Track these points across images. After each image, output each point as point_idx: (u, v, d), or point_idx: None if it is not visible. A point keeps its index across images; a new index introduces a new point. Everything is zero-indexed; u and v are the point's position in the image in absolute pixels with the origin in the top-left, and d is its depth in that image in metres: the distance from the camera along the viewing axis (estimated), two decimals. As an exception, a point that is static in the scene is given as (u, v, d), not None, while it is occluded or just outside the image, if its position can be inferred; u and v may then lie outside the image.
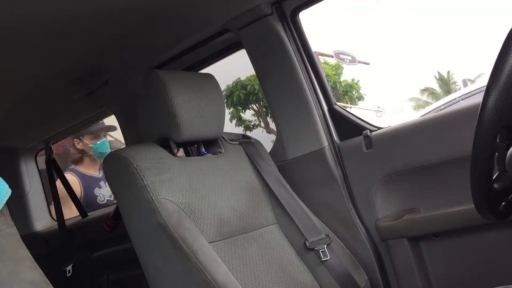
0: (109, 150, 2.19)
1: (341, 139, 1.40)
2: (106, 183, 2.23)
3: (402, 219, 1.26)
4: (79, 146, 2.37)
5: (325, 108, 1.41)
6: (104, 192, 2.32)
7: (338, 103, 1.45)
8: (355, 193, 1.36)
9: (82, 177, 2.33)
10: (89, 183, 2.32)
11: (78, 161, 2.41)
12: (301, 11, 1.41)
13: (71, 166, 2.45)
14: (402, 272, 1.29)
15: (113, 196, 1.73)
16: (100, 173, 2.40)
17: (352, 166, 1.36)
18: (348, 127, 1.40)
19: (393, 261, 1.31)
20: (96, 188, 2.32)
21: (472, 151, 0.75)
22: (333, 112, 1.41)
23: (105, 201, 2.29)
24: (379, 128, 1.38)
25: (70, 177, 2.30)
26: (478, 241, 1.20)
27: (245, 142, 1.39)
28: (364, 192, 1.34)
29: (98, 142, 2.32)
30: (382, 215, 1.32)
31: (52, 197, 2.10)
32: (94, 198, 2.32)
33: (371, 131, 1.35)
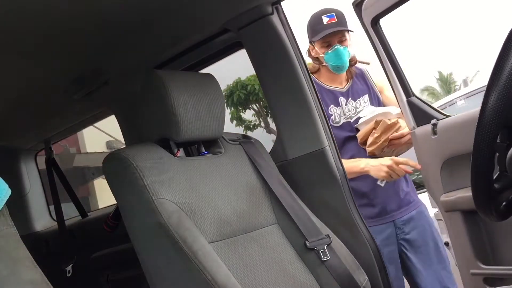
0: (346, 61, 1.73)
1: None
2: (350, 99, 1.78)
3: (463, 196, 1.36)
4: (313, 53, 1.82)
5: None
6: (340, 112, 1.77)
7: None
8: None
9: (320, 90, 1.75)
10: (323, 98, 1.77)
11: (314, 71, 1.86)
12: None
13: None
14: (458, 242, 1.45)
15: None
16: (344, 87, 1.82)
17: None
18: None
19: (452, 232, 1.47)
20: (332, 105, 1.78)
21: (473, 151, 0.75)
22: (334, 112, 1.42)
23: (340, 123, 1.76)
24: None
25: None
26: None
27: (245, 142, 1.39)
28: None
29: (329, 51, 1.73)
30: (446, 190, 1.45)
31: (52, 197, 2.10)
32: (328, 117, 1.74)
33: None
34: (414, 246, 1.70)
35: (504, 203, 0.81)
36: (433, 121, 1.48)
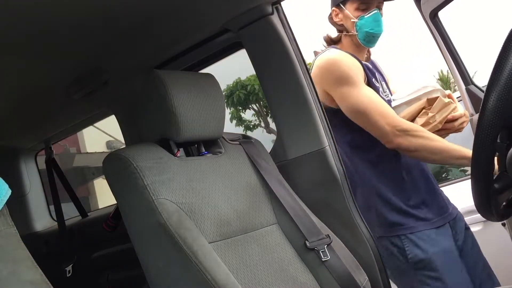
0: (383, 30, 1.50)
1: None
2: (384, 76, 1.63)
3: None
4: (338, 18, 1.54)
5: (326, 108, 1.40)
6: (382, 87, 1.57)
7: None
8: None
9: None
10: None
11: (336, 41, 1.59)
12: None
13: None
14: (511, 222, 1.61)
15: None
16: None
17: None
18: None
19: None
20: (373, 79, 1.55)
21: (473, 151, 0.75)
22: (334, 112, 1.41)
23: (389, 97, 1.57)
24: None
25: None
26: None
27: (245, 142, 1.39)
28: None
29: (365, 16, 1.48)
30: None
31: (52, 197, 2.10)
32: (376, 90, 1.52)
33: None
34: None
35: (504, 203, 0.81)
36: None
